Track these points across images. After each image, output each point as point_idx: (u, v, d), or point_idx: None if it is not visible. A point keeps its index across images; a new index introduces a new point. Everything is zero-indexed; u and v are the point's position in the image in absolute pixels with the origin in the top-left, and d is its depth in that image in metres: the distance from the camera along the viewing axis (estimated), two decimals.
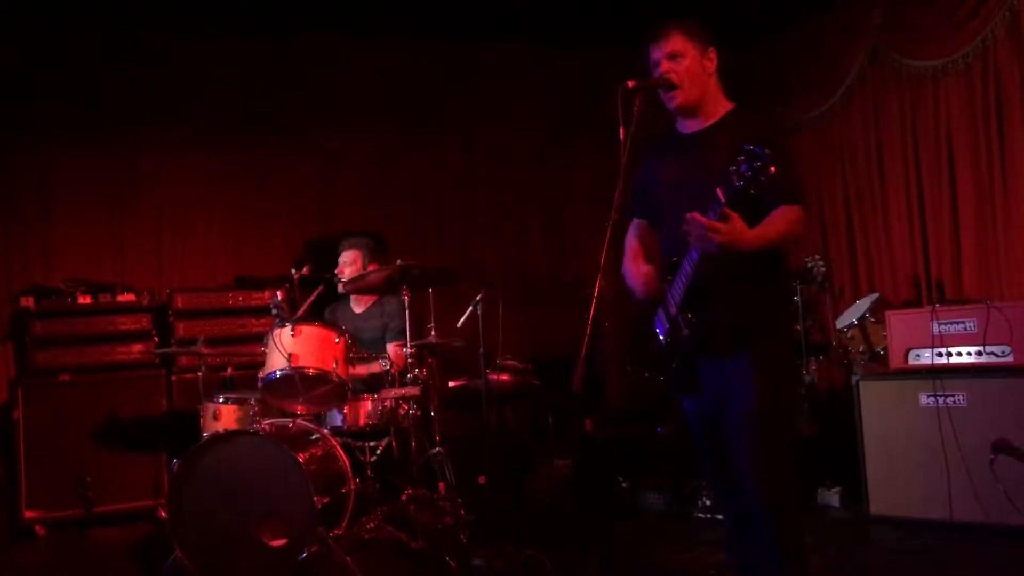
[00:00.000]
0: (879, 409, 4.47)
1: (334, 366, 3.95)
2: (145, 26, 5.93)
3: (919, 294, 5.47)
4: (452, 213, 6.75)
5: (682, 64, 2.76)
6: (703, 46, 2.80)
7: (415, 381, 4.18)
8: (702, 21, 2.84)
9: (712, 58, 2.82)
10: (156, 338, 5.49)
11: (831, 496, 4.76)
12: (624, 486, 5.16)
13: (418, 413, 4.24)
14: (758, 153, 2.36)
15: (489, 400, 4.82)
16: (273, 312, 4.18)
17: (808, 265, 5.23)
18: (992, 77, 4.99)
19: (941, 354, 4.30)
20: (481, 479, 4.67)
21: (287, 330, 3.93)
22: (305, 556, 3.51)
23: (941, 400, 4.23)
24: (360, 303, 4.99)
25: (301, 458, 3.64)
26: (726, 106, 2.85)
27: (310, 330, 4.00)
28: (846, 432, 4.64)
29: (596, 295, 2.48)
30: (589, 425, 5.83)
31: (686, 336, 2.72)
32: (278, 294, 4.21)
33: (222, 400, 4.29)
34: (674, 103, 2.81)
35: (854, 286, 5.98)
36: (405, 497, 3.99)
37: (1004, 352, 4.15)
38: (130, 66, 5.95)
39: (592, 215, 6.51)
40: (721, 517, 3.96)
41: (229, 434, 3.83)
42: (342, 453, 4.00)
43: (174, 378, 5.43)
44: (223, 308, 5.63)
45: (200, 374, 4.56)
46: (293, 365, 3.86)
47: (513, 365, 5.16)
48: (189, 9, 5.76)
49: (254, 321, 5.60)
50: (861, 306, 5.13)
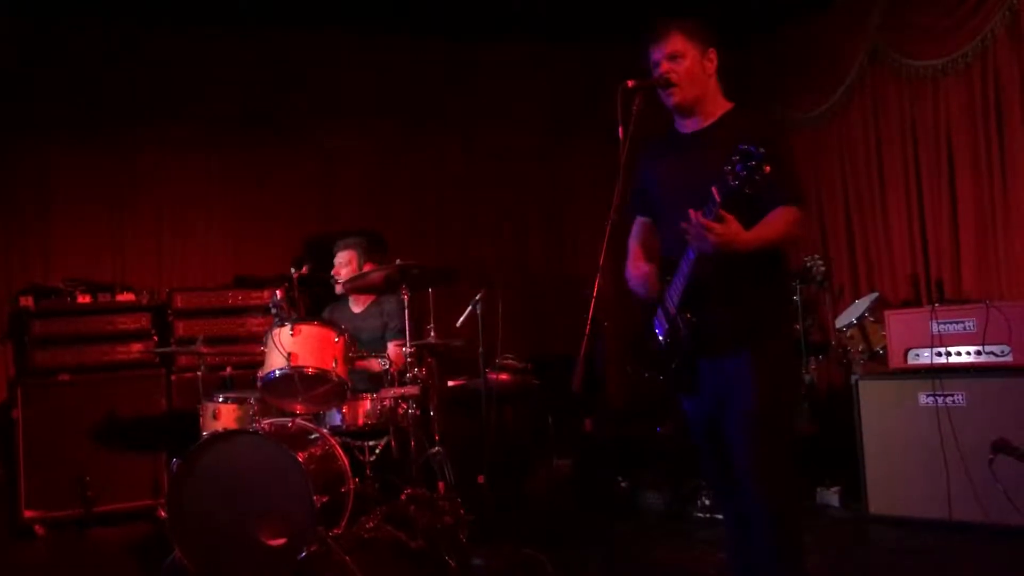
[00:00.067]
0: (878, 409, 4.47)
1: (333, 365, 3.95)
2: (145, 26, 5.93)
3: (918, 294, 5.47)
4: (452, 212, 6.76)
5: (682, 65, 2.77)
6: (703, 47, 2.80)
7: (414, 380, 4.18)
8: (702, 21, 2.84)
9: (712, 59, 2.82)
10: (155, 337, 5.48)
11: (830, 496, 4.76)
12: (624, 486, 5.16)
13: (417, 412, 4.24)
14: (752, 152, 2.36)
15: (489, 400, 4.81)
16: (272, 311, 4.18)
17: (807, 265, 5.23)
18: (992, 77, 4.99)
19: (940, 354, 4.30)
20: (480, 479, 4.66)
21: (286, 329, 3.93)
22: (304, 555, 3.51)
23: (940, 400, 4.23)
24: (359, 303, 4.99)
25: (300, 457, 3.64)
26: (725, 106, 2.86)
27: (309, 329, 3.99)
28: (845, 432, 4.64)
29: (596, 295, 2.48)
30: (589, 425, 5.83)
31: (685, 336, 2.73)
32: (277, 293, 4.20)
33: (221, 399, 4.28)
34: (672, 101, 2.81)
35: (853, 286, 5.98)
36: (404, 497, 3.99)
37: (1003, 352, 4.15)
38: (130, 66, 5.95)
39: (592, 215, 6.51)
40: (720, 517, 3.97)
41: (228, 433, 3.84)
42: (341, 452, 4.00)
43: (173, 377, 5.43)
44: (223, 307, 5.62)
45: (199, 373, 4.55)
46: (292, 364, 3.86)
47: (513, 365, 5.15)
48: (189, 9, 5.76)
49: (253, 320, 5.60)
50: (860, 306, 5.13)
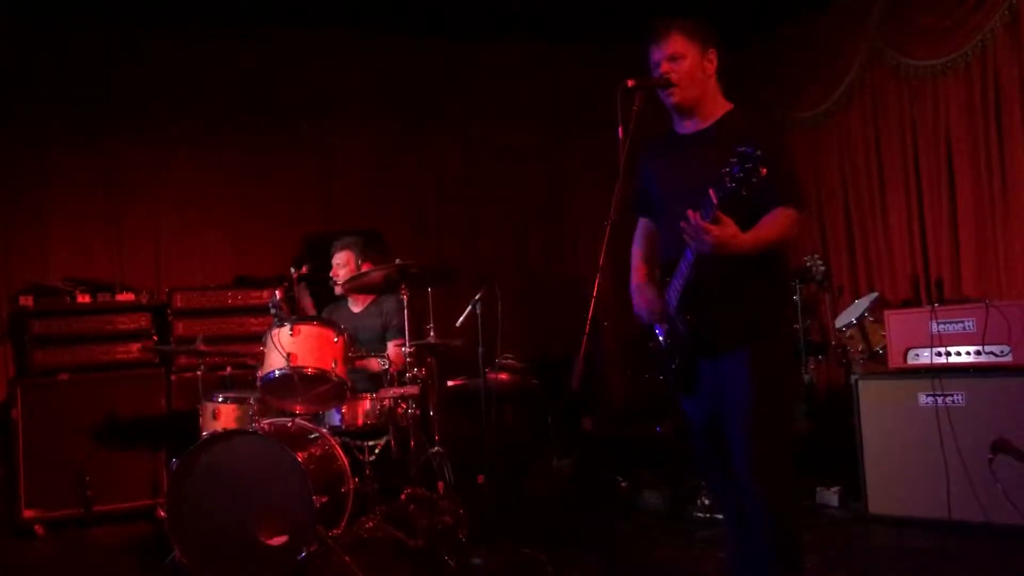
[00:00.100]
0: (878, 408, 4.46)
1: (333, 365, 3.94)
2: (145, 26, 5.93)
3: (918, 293, 5.48)
4: (452, 212, 6.76)
5: (682, 65, 2.77)
6: (703, 47, 2.80)
7: (414, 380, 4.18)
8: (702, 21, 2.84)
9: (712, 59, 2.82)
10: (155, 337, 5.47)
11: (830, 495, 4.76)
12: (624, 486, 5.16)
13: (417, 412, 4.24)
14: (749, 154, 2.36)
15: (488, 399, 4.81)
16: (272, 311, 4.17)
17: (807, 264, 5.23)
18: (991, 76, 4.98)
19: (940, 353, 4.30)
20: (480, 478, 4.66)
21: (286, 329, 3.93)
22: (304, 555, 3.51)
23: (940, 400, 4.23)
24: (358, 303, 4.98)
25: (300, 457, 3.64)
26: (725, 107, 2.86)
27: (309, 329, 3.99)
28: (845, 431, 4.63)
29: (596, 295, 2.48)
30: (588, 424, 5.83)
31: (684, 336, 2.73)
32: (277, 293, 4.19)
33: (221, 399, 4.28)
34: (672, 101, 2.81)
35: (853, 285, 5.98)
36: (404, 496, 4.00)
37: (1003, 352, 4.14)
38: (130, 66, 5.95)
39: (592, 215, 6.50)
40: (720, 517, 3.97)
41: (228, 433, 3.83)
42: (341, 452, 4.00)
43: (173, 377, 5.42)
44: (222, 307, 5.61)
45: (199, 373, 4.54)
46: (292, 364, 3.86)
47: (512, 364, 5.15)
48: (189, 9, 5.76)
49: (253, 320, 5.59)
50: (860, 305, 5.13)
